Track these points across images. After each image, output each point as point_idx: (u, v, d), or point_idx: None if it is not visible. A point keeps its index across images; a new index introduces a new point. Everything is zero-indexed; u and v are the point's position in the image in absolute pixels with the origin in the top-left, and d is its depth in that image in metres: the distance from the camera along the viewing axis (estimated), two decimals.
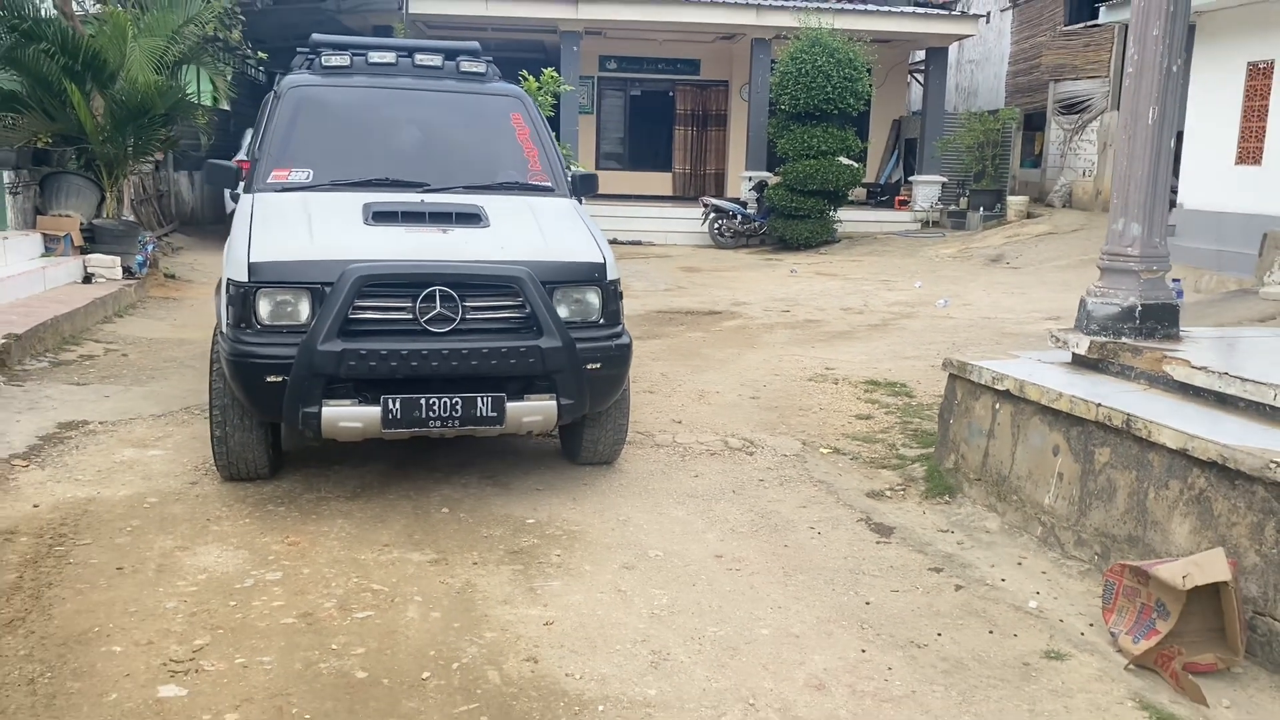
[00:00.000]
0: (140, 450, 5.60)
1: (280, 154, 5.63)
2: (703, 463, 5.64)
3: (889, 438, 6.16)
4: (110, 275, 10.16)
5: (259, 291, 4.57)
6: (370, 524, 4.62)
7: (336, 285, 4.48)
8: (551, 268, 4.87)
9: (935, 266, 15.65)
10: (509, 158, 6.04)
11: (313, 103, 5.93)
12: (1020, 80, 22.78)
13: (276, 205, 5.20)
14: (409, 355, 4.52)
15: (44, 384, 6.84)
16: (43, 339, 7.63)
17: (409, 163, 5.81)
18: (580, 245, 5.12)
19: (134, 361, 7.73)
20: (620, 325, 5.09)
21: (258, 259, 4.60)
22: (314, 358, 4.43)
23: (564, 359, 4.70)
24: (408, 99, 6.12)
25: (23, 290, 8.79)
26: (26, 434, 5.75)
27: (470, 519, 4.71)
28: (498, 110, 6.22)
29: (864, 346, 9.15)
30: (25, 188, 10.51)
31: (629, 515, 4.80)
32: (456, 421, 4.62)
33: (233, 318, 4.62)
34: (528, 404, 4.74)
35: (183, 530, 4.48)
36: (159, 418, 6.24)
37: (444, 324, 4.63)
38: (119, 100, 10.54)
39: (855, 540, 4.59)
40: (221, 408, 4.86)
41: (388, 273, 4.59)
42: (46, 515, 4.58)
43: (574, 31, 19.69)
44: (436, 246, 4.84)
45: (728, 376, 7.80)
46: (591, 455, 5.44)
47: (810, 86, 17.41)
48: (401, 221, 5.02)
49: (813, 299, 12.21)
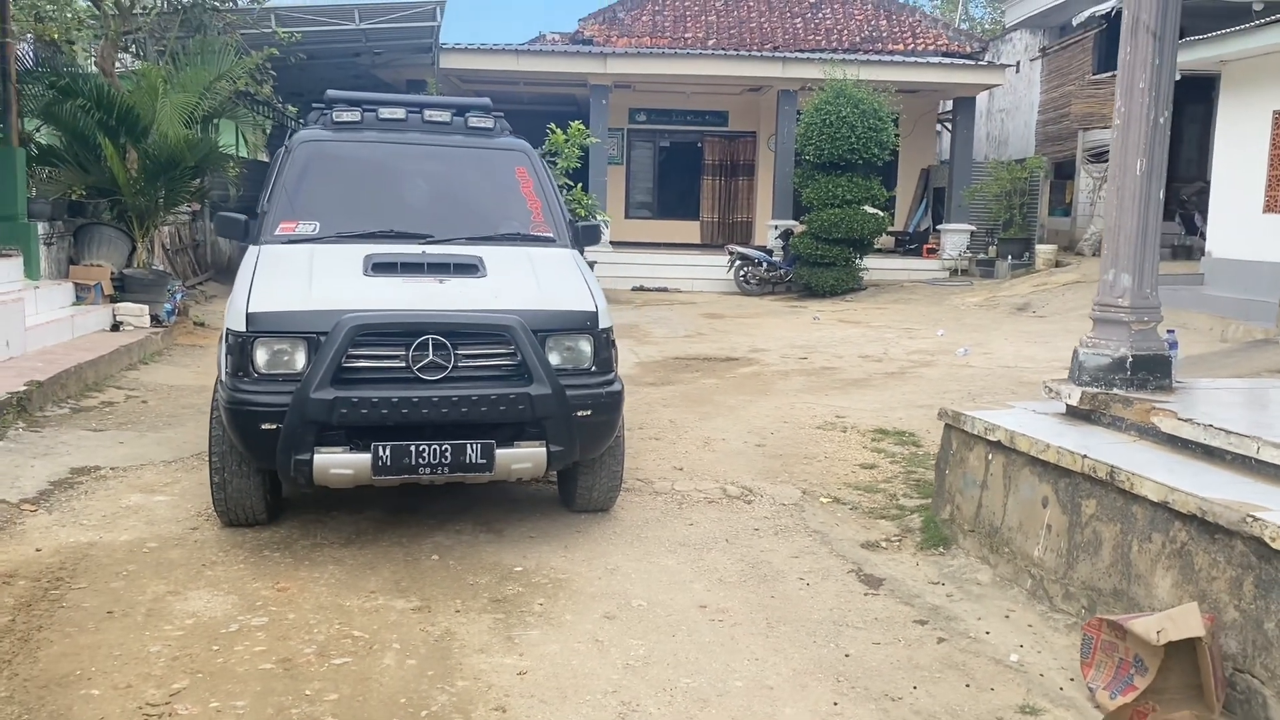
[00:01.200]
0: (147, 495, 5.71)
1: (288, 207, 5.78)
2: (699, 511, 5.65)
3: (891, 487, 6.13)
4: (138, 323, 10.39)
5: (256, 341, 4.68)
6: (360, 571, 4.67)
7: (330, 335, 4.58)
8: (543, 316, 4.94)
9: (960, 315, 15.59)
10: (512, 210, 6.15)
11: (322, 157, 6.09)
12: (1050, 129, 22.76)
13: (281, 257, 5.33)
14: (400, 403, 4.59)
15: (62, 430, 7.01)
16: (65, 385, 7.82)
17: (414, 215, 5.93)
18: (573, 294, 5.20)
19: (152, 408, 7.89)
20: (612, 373, 5.14)
21: (255, 309, 4.72)
22: (307, 406, 4.52)
23: (553, 406, 4.76)
24: (415, 153, 6.26)
25: (51, 338, 9.01)
26: (39, 479, 5.88)
27: (459, 566, 4.75)
28: (503, 164, 6.34)
29: (878, 395, 9.12)
30: (60, 238, 10.83)
31: (618, 564, 4.82)
32: (446, 468, 4.68)
33: (231, 366, 4.73)
34: (517, 451, 4.79)
35: (177, 575, 4.55)
36: (169, 464, 6.36)
37: (436, 372, 4.71)
38: (150, 154, 10.85)
39: (843, 592, 4.57)
40: (220, 454, 4.95)
41: (380, 322, 4.69)
42: (47, 559, 4.68)
43: (603, 85, 20.01)
44: (431, 296, 4.94)
45: (736, 423, 7.81)
46: (586, 502, 5.47)
47: (834, 137, 17.53)
48: (400, 272, 5.13)
49: (832, 346, 12.20)
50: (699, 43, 22.04)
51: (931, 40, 22.63)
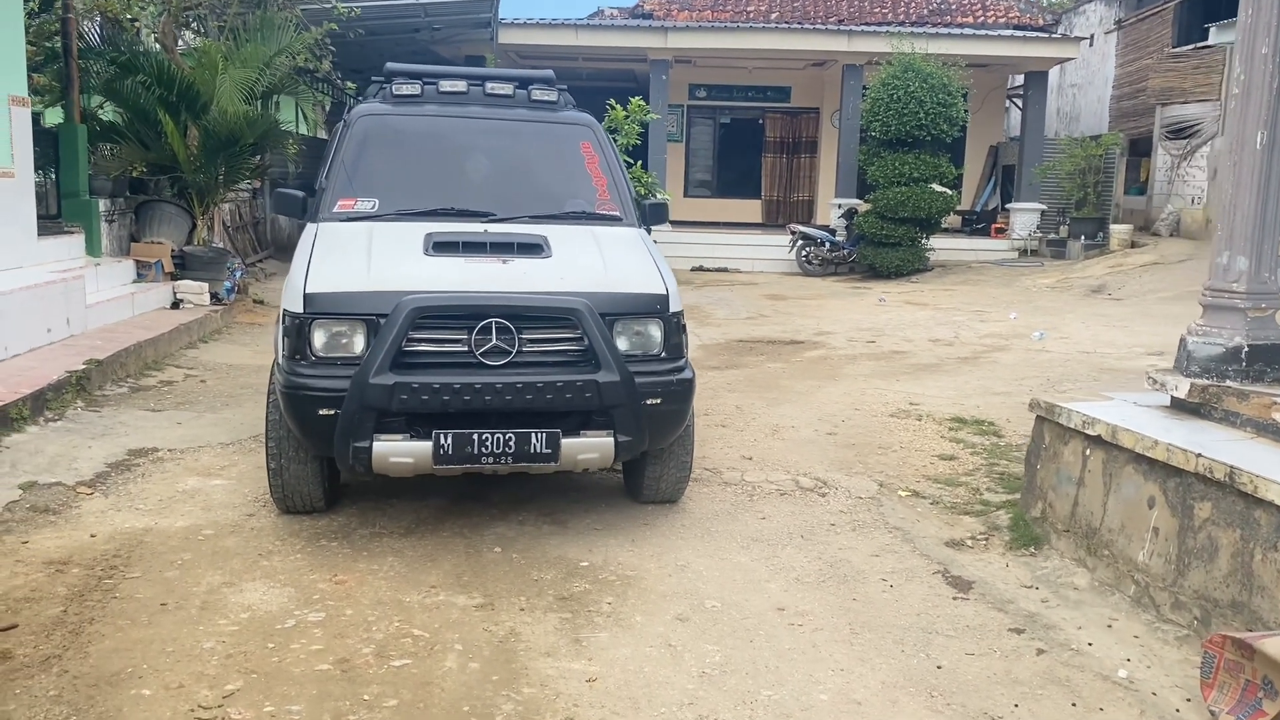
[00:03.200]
0: (204, 479, 5.58)
1: (346, 183, 5.59)
2: (771, 504, 5.39)
3: (973, 481, 5.81)
4: (198, 301, 10.35)
5: (314, 323, 4.50)
6: (420, 563, 4.48)
7: (390, 317, 4.38)
8: (611, 299, 4.70)
9: (1032, 297, 15.08)
10: (577, 187, 5.90)
11: (381, 132, 5.89)
12: (1125, 104, 21.99)
13: (339, 235, 5.14)
14: (462, 389, 4.38)
15: (120, 410, 6.92)
16: (125, 364, 7.75)
17: (475, 192, 5.71)
18: (642, 276, 4.95)
19: (211, 388, 7.80)
20: (683, 359, 4.88)
21: (313, 290, 4.53)
22: (366, 391, 4.33)
23: (622, 394, 4.52)
24: (477, 128, 6.04)
25: (111, 316, 8.98)
26: (96, 461, 5.79)
27: (522, 560, 4.54)
28: (567, 139, 6.10)
29: (952, 381, 8.76)
30: (121, 215, 10.81)
31: (688, 560, 4.58)
32: (509, 458, 4.47)
33: (288, 349, 4.56)
34: (584, 440, 4.56)
35: (233, 565, 4.40)
36: (227, 446, 6.24)
37: (500, 357, 4.50)
38: (210, 130, 10.78)
39: (930, 595, 4.28)
40: (277, 440, 4.79)
41: (442, 304, 4.47)
42: (101, 546, 4.55)
43: (663, 60, 19.67)
44: (494, 277, 4.72)
45: (805, 410, 7.52)
46: (654, 494, 5.24)
47: (902, 113, 17.03)
48: (462, 252, 4.92)
49: (900, 329, 11.82)
50: (761, 16, 21.58)
51: (1002, 12, 21.94)
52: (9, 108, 8.26)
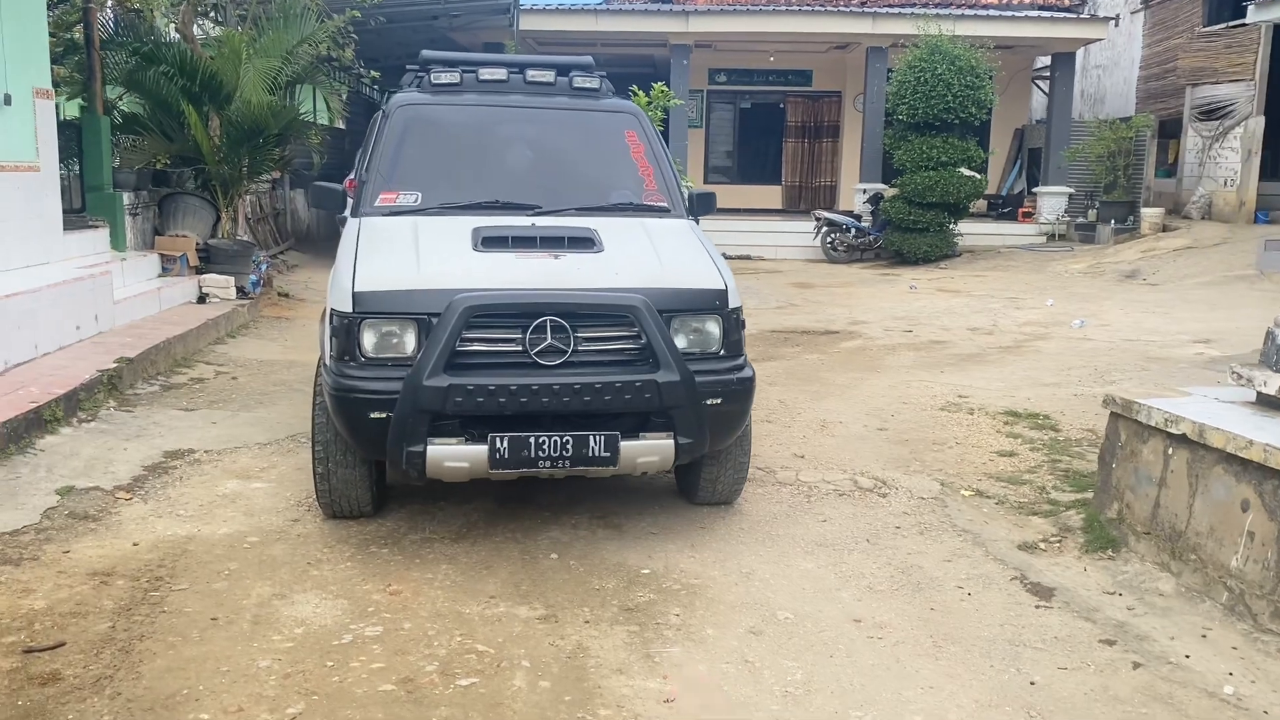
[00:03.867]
0: (244, 482, 5.42)
1: (388, 176, 5.41)
2: (831, 505, 5.20)
3: (1037, 479, 5.61)
4: (224, 295, 10.20)
5: (363, 322, 4.32)
6: (476, 571, 4.31)
7: (443, 316, 4.20)
8: (668, 295, 4.50)
9: (1065, 283, 14.82)
10: (623, 177, 5.71)
11: (421, 122, 5.70)
12: (1153, 85, 21.63)
13: (383, 230, 4.97)
14: (518, 391, 4.20)
15: (153, 409, 6.77)
16: (155, 362, 7.60)
17: (520, 184, 5.53)
18: (699, 270, 4.75)
19: (243, 385, 7.65)
20: (742, 356, 4.70)
21: (362, 288, 4.35)
22: (419, 393, 4.15)
23: (682, 394, 4.33)
24: (519, 117, 5.86)
25: (139, 311, 8.83)
26: (133, 463, 5.63)
27: (581, 567, 4.37)
28: (612, 128, 5.90)
29: (997, 371, 8.55)
30: (144, 208, 10.66)
31: (753, 567, 4.39)
32: (567, 462, 4.29)
33: (336, 349, 4.39)
34: (643, 443, 4.38)
35: (282, 575, 4.24)
36: (265, 446, 6.08)
37: (555, 356, 4.31)
38: (234, 121, 10.61)
39: (1011, 603, 4.09)
40: (324, 443, 4.62)
41: (497, 303, 4.29)
42: (145, 555, 4.40)
43: (684, 45, 19.42)
44: (548, 274, 4.53)
45: (851, 404, 7.32)
46: (710, 495, 5.06)
47: (930, 96, 16.74)
48: (512, 247, 4.73)
49: (936, 317, 11.60)
50: None
51: None
52: (33, 100, 8.09)
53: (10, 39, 7.76)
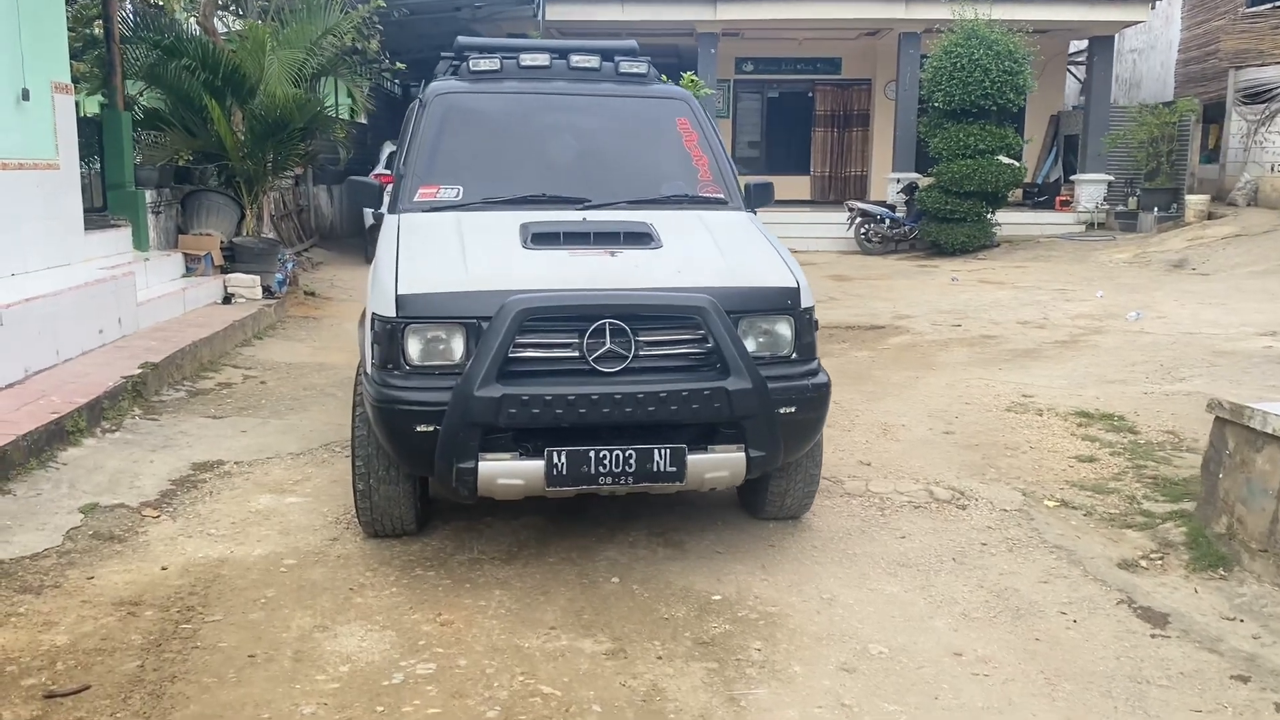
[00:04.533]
0: (277, 497, 5.10)
1: (427, 169, 5.08)
2: (907, 519, 4.83)
3: (1124, 487, 5.22)
4: (250, 295, 9.90)
5: (408, 328, 3.97)
6: (532, 597, 3.97)
7: (495, 320, 3.85)
8: (737, 294, 4.14)
9: (1110, 273, 14.35)
10: (676, 167, 5.36)
11: (461, 112, 5.36)
12: (1192, 69, 21.07)
13: (425, 228, 4.62)
14: (577, 401, 3.85)
15: (180, 417, 6.46)
16: (180, 366, 7.30)
17: (567, 176, 5.18)
18: (768, 267, 4.39)
19: (272, 390, 7.33)
20: (815, 360, 4.33)
21: (406, 291, 4.00)
22: (470, 405, 3.80)
23: (755, 403, 3.97)
24: (564, 105, 5.50)
25: (163, 313, 8.53)
26: (159, 477, 5.32)
27: (645, 593, 4.02)
28: (662, 115, 5.55)
29: (1058, 368, 8.15)
30: (167, 206, 10.37)
31: (834, 592, 4.03)
32: (630, 478, 3.94)
33: (378, 357, 4.04)
34: (712, 457, 4.02)
35: (323, 603, 3.90)
36: (297, 456, 5.76)
37: (614, 363, 3.96)
38: (258, 115, 10.30)
39: (1123, 631, 3.71)
40: (365, 458, 4.29)
41: (552, 305, 3.94)
42: (175, 581, 4.08)
43: (711, 33, 19.02)
44: (605, 272, 4.17)
45: (911, 405, 6.94)
46: (777, 510, 4.70)
47: (966, 82, 16.26)
48: (564, 243, 4.38)
49: (983, 311, 11.18)
50: None
51: None
52: (52, 95, 7.80)
53: (28, 31, 7.46)
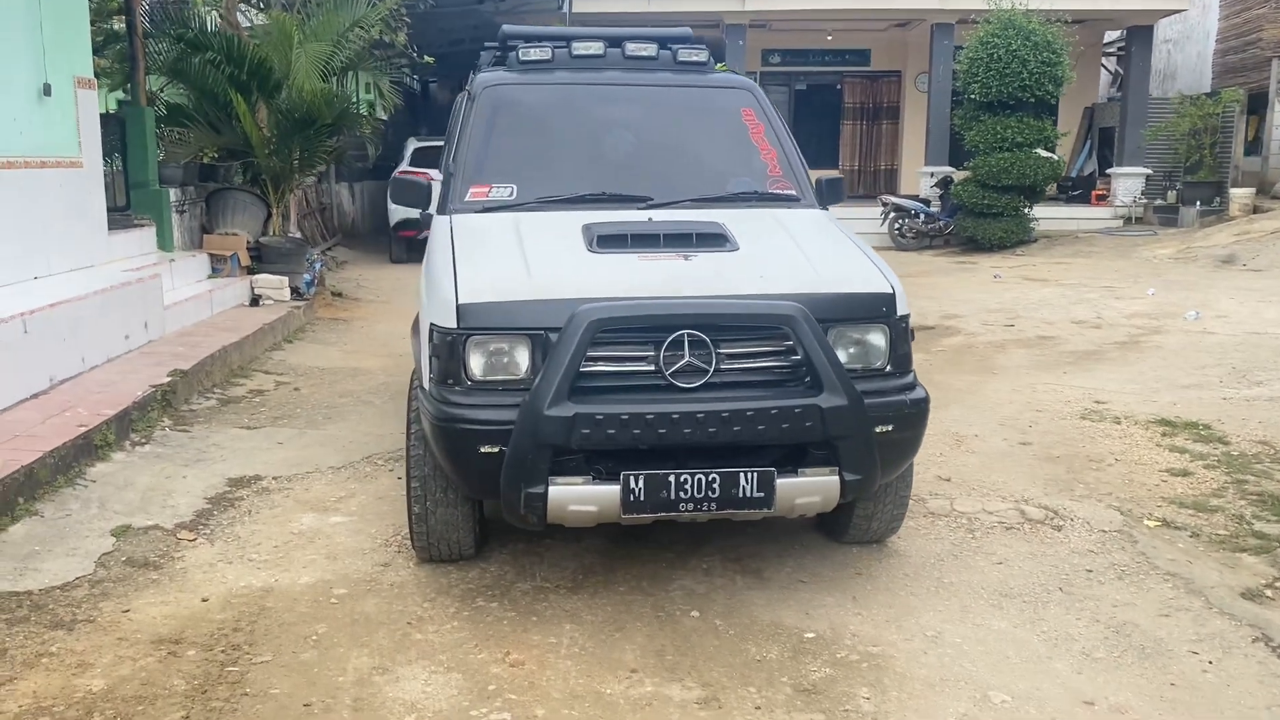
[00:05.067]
0: (320, 516, 4.78)
1: (478, 167, 4.75)
2: (1000, 542, 4.47)
3: (1229, 504, 4.85)
4: (278, 296, 9.59)
5: (469, 340, 3.64)
6: (606, 633, 3.64)
7: (565, 331, 3.51)
8: (826, 301, 3.78)
9: (1157, 269, 13.91)
10: (744, 162, 5.02)
11: (512, 105, 5.03)
12: (1230, 59, 20.57)
13: (481, 230, 4.30)
14: (656, 420, 3.50)
15: (212, 427, 6.15)
16: (210, 373, 6.99)
17: (627, 173, 4.85)
18: (859, 271, 4.04)
19: (306, 397, 7.01)
20: (911, 373, 3.98)
21: (468, 299, 3.67)
22: (540, 425, 3.46)
23: (851, 422, 3.62)
24: (620, 96, 5.18)
25: (190, 316, 8.23)
26: (194, 495, 5.01)
27: (730, 629, 3.67)
28: (726, 106, 5.21)
29: (1124, 372, 7.76)
30: (191, 205, 10.07)
31: (937, 628, 3.68)
32: (713, 504, 3.59)
33: (437, 372, 3.71)
34: (803, 480, 3.67)
35: (380, 640, 3.58)
36: (339, 470, 5.44)
37: (693, 377, 3.61)
38: (284, 110, 9.98)
39: (1267, 675, 3.35)
40: (422, 479, 3.96)
41: (628, 315, 3.59)
42: (217, 615, 3.76)
43: (739, 25, 18.65)
44: (681, 278, 3.83)
45: (979, 413, 6.57)
46: (862, 534, 4.35)
47: (1004, 73, 15.82)
48: (632, 246, 4.04)
49: (1033, 309, 10.77)
50: None
51: None
52: (75, 90, 7.50)
53: (50, 24, 7.16)
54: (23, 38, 6.90)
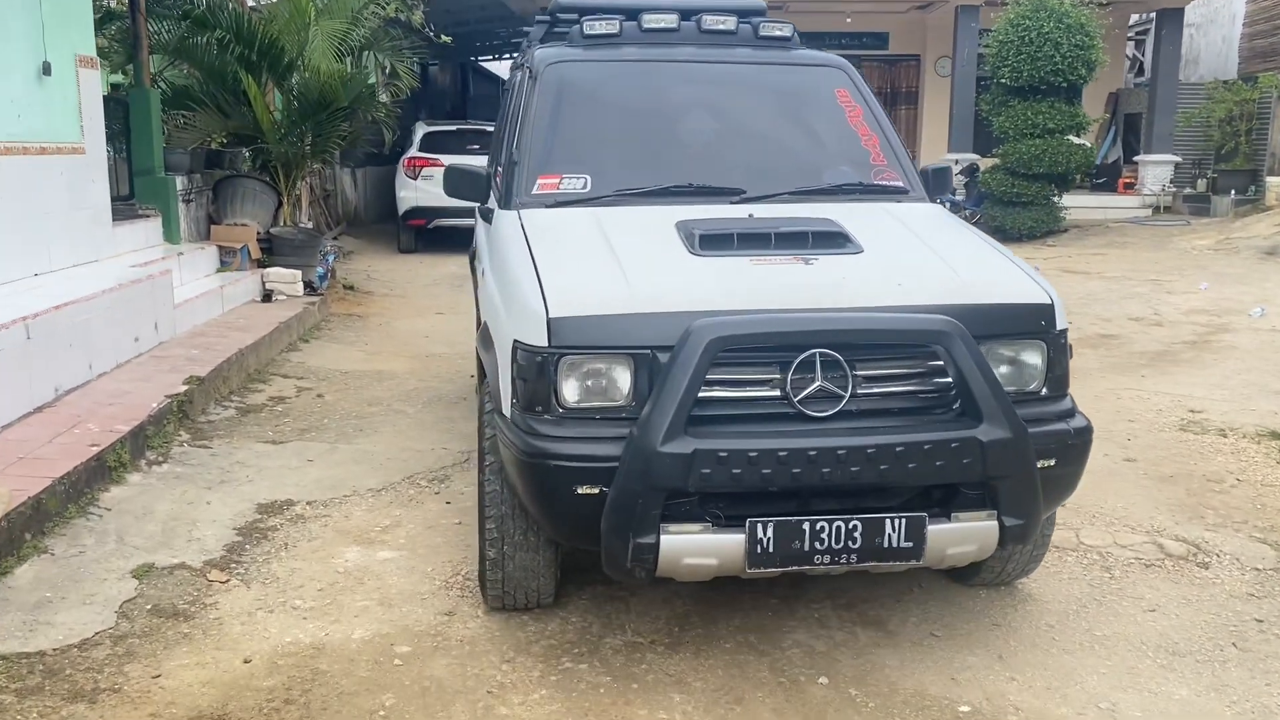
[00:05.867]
0: (366, 550, 4.22)
1: (546, 155, 4.20)
2: (1144, 583, 3.94)
3: None
4: (291, 292, 9.00)
5: (563, 360, 3.08)
6: (723, 705, 3.10)
7: (681, 351, 2.95)
8: (977, 314, 3.23)
9: (1198, 261, 13.38)
10: (843, 149, 4.48)
11: (579, 85, 4.49)
12: (1259, 44, 19.99)
13: (558, 229, 3.75)
14: (790, 458, 2.95)
15: (233, 442, 5.58)
16: (228, 379, 6.42)
17: (714, 162, 4.33)
18: (1008, 278, 3.50)
19: (332, 404, 6.44)
20: (1068, 396, 3.46)
21: (561, 313, 3.10)
22: (653, 463, 2.91)
23: (1015, 458, 3.08)
24: (699, 75, 4.64)
25: (202, 314, 7.65)
26: (222, 525, 4.45)
27: (867, 699, 3.14)
28: (817, 86, 4.67)
29: (1205, 375, 7.24)
30: (198, 194, 9.46)
31: (1109, 697, 3.15)
32: (852, 556, 3.05)
33: (523, 397, 3.15)
34: (956, 527, 3.13)
35: (459, 716, 3.03)
36: (378, 493, 4.88)
37: (826, 405, 3.07)
38: (297, 93, 9.38)
39: None
40: (499, 519, 3.41)
41: (757, 331, 3.04)
42: (264, 681, 3.20)
43: None
44: (806, 286, 3.28)
45: None
46: (995, 576, 3.80)
47: (1035, 56, 15.23)
48: (738, 247, 3.48)
49: (1084, 305, 10.23)
50: None
51: None
52: (76, 69, 6.90)
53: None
54: (20, 12, 6.29)
